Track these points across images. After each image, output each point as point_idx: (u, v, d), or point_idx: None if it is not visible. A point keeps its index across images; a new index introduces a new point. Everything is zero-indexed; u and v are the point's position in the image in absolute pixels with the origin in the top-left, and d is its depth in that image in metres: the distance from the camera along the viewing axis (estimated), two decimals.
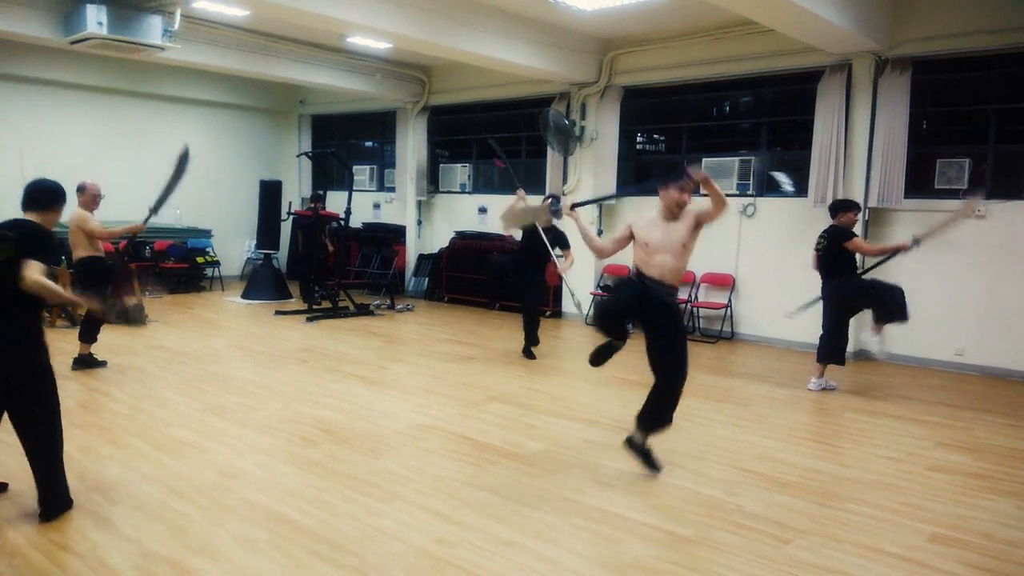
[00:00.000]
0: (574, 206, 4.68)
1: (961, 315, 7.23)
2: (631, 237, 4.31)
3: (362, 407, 5.55)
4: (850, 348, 7.92)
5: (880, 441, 5.01)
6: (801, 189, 8.29)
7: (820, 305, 6.52)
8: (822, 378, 6.43)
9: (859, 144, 7.83)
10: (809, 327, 8.29)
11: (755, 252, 8.81)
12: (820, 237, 6.43)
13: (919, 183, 7.68)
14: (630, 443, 4.30)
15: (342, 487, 3.97)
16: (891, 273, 6.73)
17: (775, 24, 6.85)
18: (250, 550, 3.25)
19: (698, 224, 4.16)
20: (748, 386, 6.69)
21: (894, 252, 6.18)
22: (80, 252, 6.14)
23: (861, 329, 7.37)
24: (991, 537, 3.56)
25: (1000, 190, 7.26)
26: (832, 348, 6.36)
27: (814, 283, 8.25)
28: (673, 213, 4.19)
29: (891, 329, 6.32)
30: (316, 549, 3.26)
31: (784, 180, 8.96)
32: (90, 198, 6.16)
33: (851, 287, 6.29)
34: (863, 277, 6.44)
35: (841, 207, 6.43)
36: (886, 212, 7.76)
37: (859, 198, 7.81)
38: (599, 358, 4.50)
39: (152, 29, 7.89)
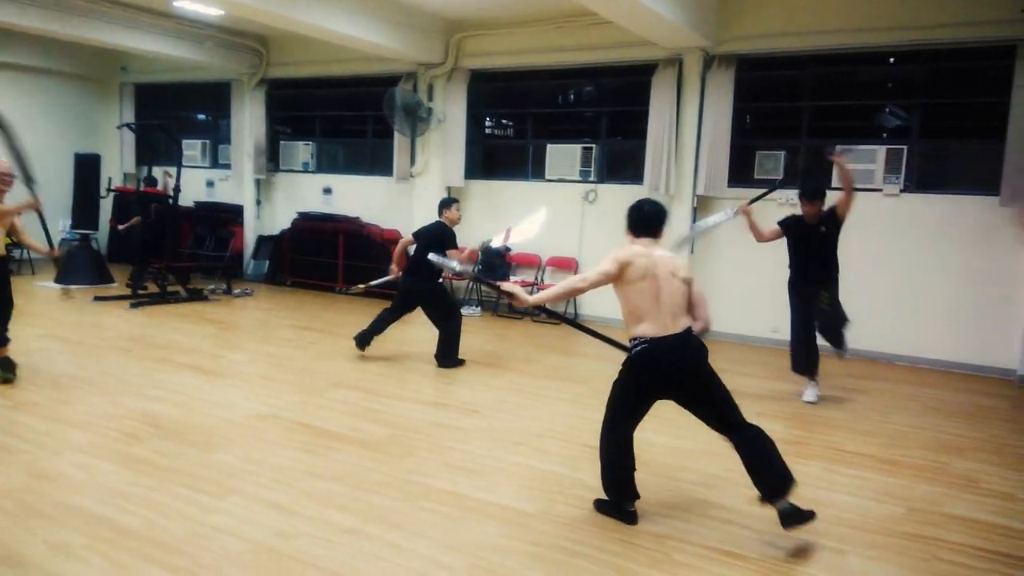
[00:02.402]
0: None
1: (776, 295, 7.88)
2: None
3: (195, 398, 5.23)
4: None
5: None
6: (638, 176, 8.67)
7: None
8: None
9: (689, 135, 8.30)
10: None
11: (596, 236, 9.14)
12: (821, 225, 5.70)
13: (741, 173, 8.27)
14: (786, 520, 3.29)
15: (172, 484, 3.72)
16: (722, 259, 7.17)
17: (612, 15, 7.08)
18: (65, 556, 2.98)
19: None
20: (589, 365, 6.95)
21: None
22: None
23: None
24: (802, 498, 3.89)
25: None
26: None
27: None
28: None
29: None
30: (142, 551, 3.04)
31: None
32: None
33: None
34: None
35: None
36: (712, 200, 8.29)
37: (688, 187, 8.31)
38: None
39: None
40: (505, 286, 3.64)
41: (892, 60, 7.73)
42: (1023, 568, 3.24)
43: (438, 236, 6.39)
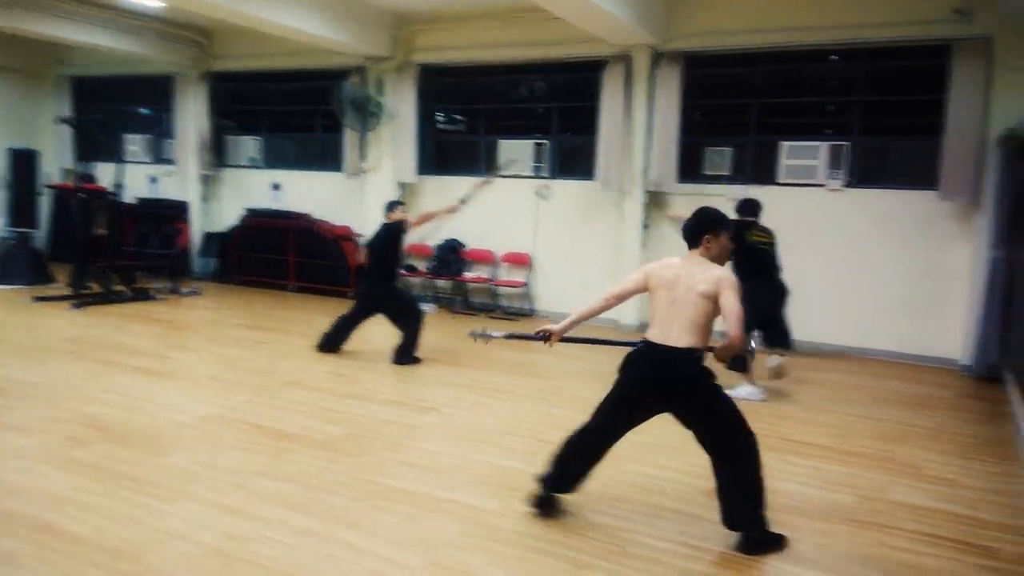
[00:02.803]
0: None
1: None
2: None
3: (142, 400, 5.09)
4: (632, 321, 8.52)
5: None
6: (590, 172, 8.72)
7: None
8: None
9: (639, 131, 8.38)
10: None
11: (550, 232, 9.18)
12: (759, 232, 5.91)
13: (690, 169, 8.38)
14: (748, 546, 3.28)
15: (120, 489, 3.62)
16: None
17: (560, 11, 7.08)
18: (12, 566, 2.88)
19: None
20: (546, 360, 6.97)
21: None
22: None
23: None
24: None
25: (757, 176, 8.12)
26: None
27: (603, 260, 8.80)
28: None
29: None
30: (90, 558, 2.95)
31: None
32: None
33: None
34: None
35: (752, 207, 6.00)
36: (662, 195, 8.39)
37: (638, 182, 8.40)
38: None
39: None
40: (538, 331, 3.80)
41: (834, 58, 7.92)
42: (967, 552, 3.37)
43: (388, 236, 6.56)
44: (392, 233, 6.55)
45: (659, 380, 3.30)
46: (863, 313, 7.64)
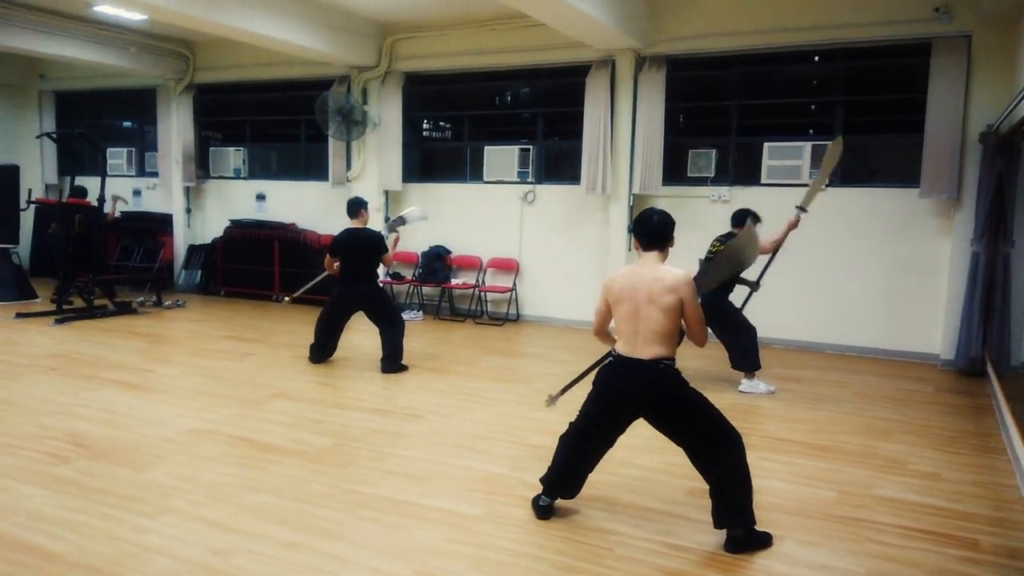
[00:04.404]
0: None
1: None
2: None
3: (124, 416, 5.05)
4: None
5: None
6: (576, 177, 8.74)
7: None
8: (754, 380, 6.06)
9: (623, 135, 8.41)
10: (586, 305, 8.84)
11: (536, 237, 9.19)
12: (716, 242, 5.97)
13: (674, 171, 8.41)
14: (733, 545, 3.26)
15: (100, 505, 3.58)
16: None
17: (544, 18, 7.11)
18: None
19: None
20: (532, 365, 6.98)
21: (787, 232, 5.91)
22: None
23: None
24: None
25: (740, 177, 8.16)
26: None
27: (590, 264, 8.81)
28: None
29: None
30: None
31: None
32: None
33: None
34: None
35: (742, 217, 5.92)
36: (647, 198, 8.41)
37: (624, 186, 8.42)
38: None
39: None
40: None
41: (816, 59, 7.96)
42: (950, 545, 3.38)
43: (371, 247, 6.48)
44: (376, 244, 6.49)
45: (630, 394, 3.30)
46: (845, 310, 7.68)
